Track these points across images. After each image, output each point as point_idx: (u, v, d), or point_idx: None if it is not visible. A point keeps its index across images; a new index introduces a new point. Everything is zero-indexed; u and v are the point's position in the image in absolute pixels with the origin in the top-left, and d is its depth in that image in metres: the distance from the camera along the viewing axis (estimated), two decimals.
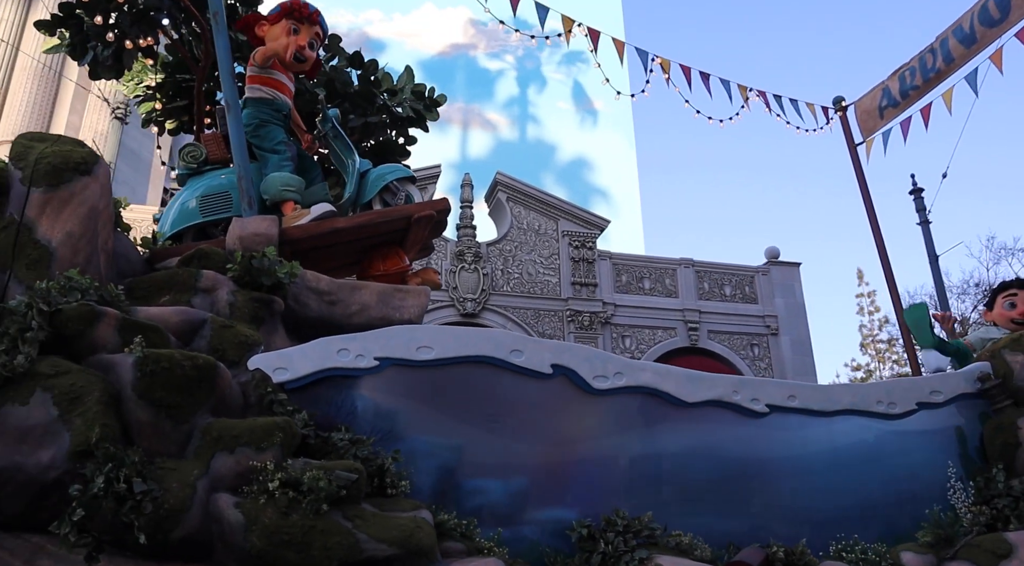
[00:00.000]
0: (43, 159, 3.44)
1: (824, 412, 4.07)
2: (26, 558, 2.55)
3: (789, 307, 17.94)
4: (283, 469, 2.78)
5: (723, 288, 17.77)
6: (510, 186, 16.13)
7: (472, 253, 14.91)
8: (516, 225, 15.87)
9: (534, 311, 15.20)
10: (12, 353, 2.74)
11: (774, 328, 17.64)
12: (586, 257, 16.10)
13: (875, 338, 32.38)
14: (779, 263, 18.25)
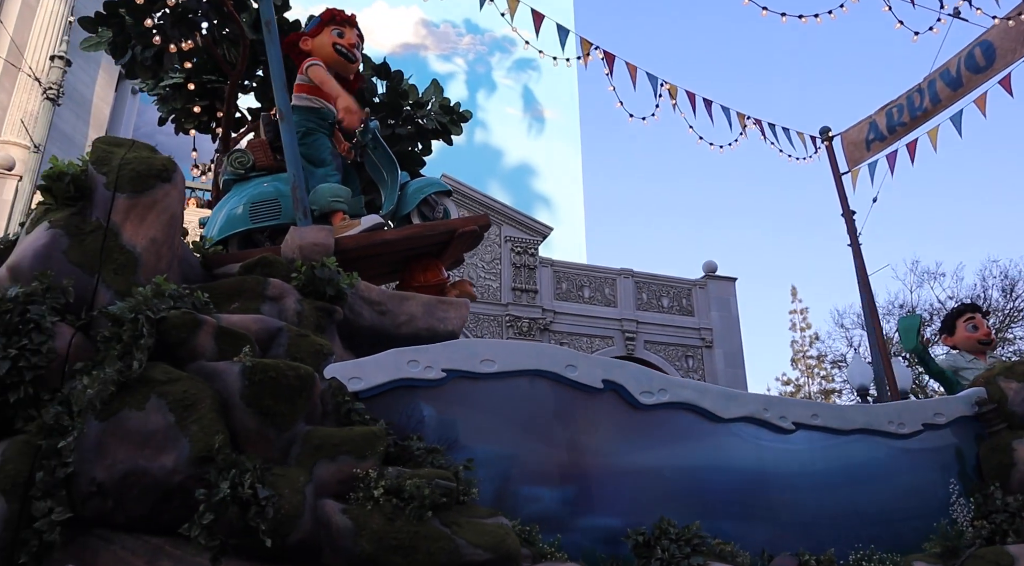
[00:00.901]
0: (127, 165, 3.50)
1: (842, 431, 4.40)
2: (147, 559, 2.65)
3: (724, 320, 18.53)
4: (385, 477, 2.93)
5: (661, 300, 18.26)
6: (455, 189, 16.40)
7: None
8: None
9: (474, 315, 15.14)
10: (126, 359, 2.82)
11: (709, 341, 18.20)
12: (528, 263, 16.27)
13: (805, 354, 33.76)
14: (716, 277, 18.81)
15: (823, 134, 8.14)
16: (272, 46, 4.61)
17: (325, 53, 4.89)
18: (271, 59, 4.60)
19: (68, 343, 2.97)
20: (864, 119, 7.69)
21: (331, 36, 4.95)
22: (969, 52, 6.69)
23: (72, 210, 3.39)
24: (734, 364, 17.98)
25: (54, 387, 2.88)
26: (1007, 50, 6.41)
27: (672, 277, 18.47)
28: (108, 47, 5.34)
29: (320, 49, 4.92)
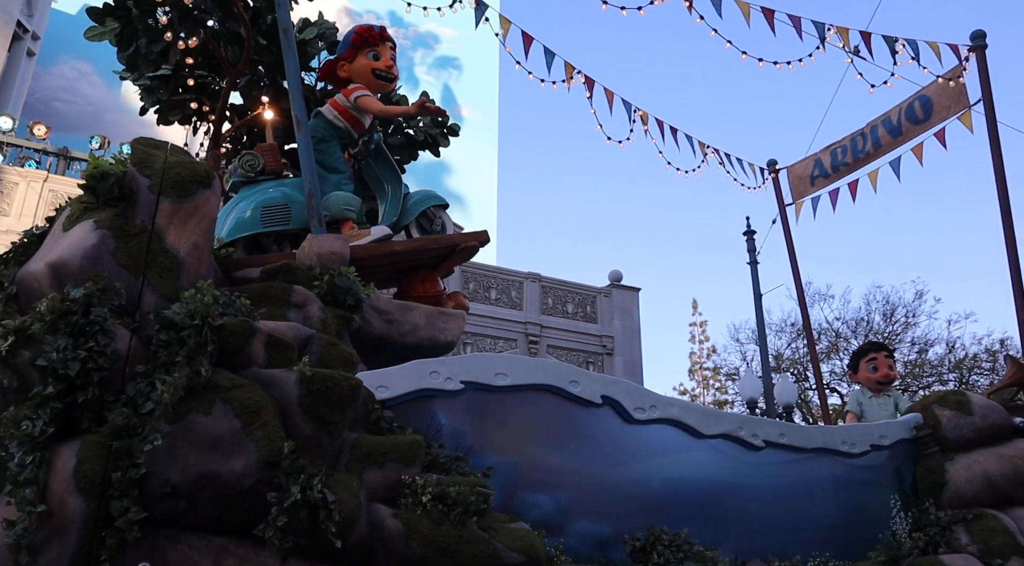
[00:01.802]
0: (171, 169, 3.57)
1: (804, 448, 4.86)
2: (213, 558, 2.79)
3: (626, 329, 19.14)
4: (431, 484, 3.15)
5: (566, 305, 18.74)
6: None
7: None
8: None
9: None
10: (193, 364, 2.94)
11: (610, 348, 18.79)
12: None
13: (702, 366, 35.33)
14: (621, 286, 19.39)
15: (770, 166, 8.73)
16: (289, 54, 4.71)
17: (366, 80, 5.03)
18: (288, 67, 4.70)
19: (127, 345, 3.05)
20: (810, 156, 8.31)
21: (367, 60, 5.07)
22: (909, 104, 7.37)
23: (116, 211, 3.44)
24: (633, 373, 18.50)
25: (116, 389, 2.96)
26: (943, 106, 7.10)
27: (578, 284, 18.88)
28: (113, 38, 5.28)
29: (360, 76, 5.05)
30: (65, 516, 2.62)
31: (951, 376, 29.56)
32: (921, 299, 30.01)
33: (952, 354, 29.52)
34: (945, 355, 29.58)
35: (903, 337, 29.87)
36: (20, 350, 2.87)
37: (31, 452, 2.66)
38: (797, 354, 30.67)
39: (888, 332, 29.74)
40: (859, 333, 29.46)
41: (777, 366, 28.51)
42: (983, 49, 6.93)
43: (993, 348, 29.73)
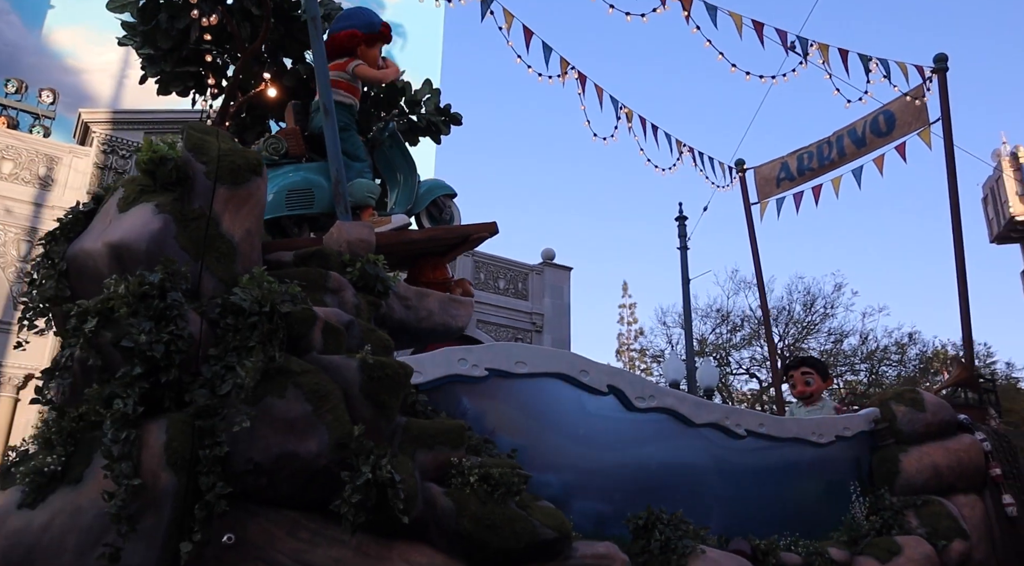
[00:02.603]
0: (226, 157, 3.71)
1: (779, 438, 5.32)
2: (287, 530, 3.02)
3: (556, 307, 19.59)
4: (477, 465, 3.44)
5: (498, 281, 19.08)
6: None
7: None
8: None
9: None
10: (267, 350, 3.13)
11: (539, 325, 19.21)
12: None
13: (629, 347, 36.36)
14: (553, 265, 19.80)
15: (738, 166, 9.20)
16: (317, 42, 4.83)
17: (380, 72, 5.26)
18: (315, 55, 4.82)
19: (199, 329, 3.21)
20: (777, 159, 8.80)
21: (377, 52, 5.25)
22: (874, 118, 7.90)
23: (174, 195, 3.57)
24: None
25: (192, 370, 3.14)
26: (905, 122, 7.65)
27: (511, 260, 19.09)
28: (135, 11, 5.26)
29: (369, 61, 5.22)
30: (158, 489, 2.81)
31: (862, 366, 31.19)
32: (840, 291, 31.33)
33: (865, 345, 31.06)
34: (858, 346, 31.10)
35: (821, 327, 31.20)
36: (103, 331, 3.01)
37: (124, 429, 2.82)
38: (720, 339, 31.83)
39: (807, 322, 31.06)
40: (780, 321, 30.67)
41: (701, 350, 29.58)
42: (944, 71, 7.49)
43: (902, 341, 31.43)
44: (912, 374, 31.21)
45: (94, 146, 13.06)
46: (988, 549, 5.36)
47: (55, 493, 2.86)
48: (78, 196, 12.48)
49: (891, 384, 31.30)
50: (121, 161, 13.06)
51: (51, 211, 12.38)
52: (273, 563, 2.94)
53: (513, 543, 3.36)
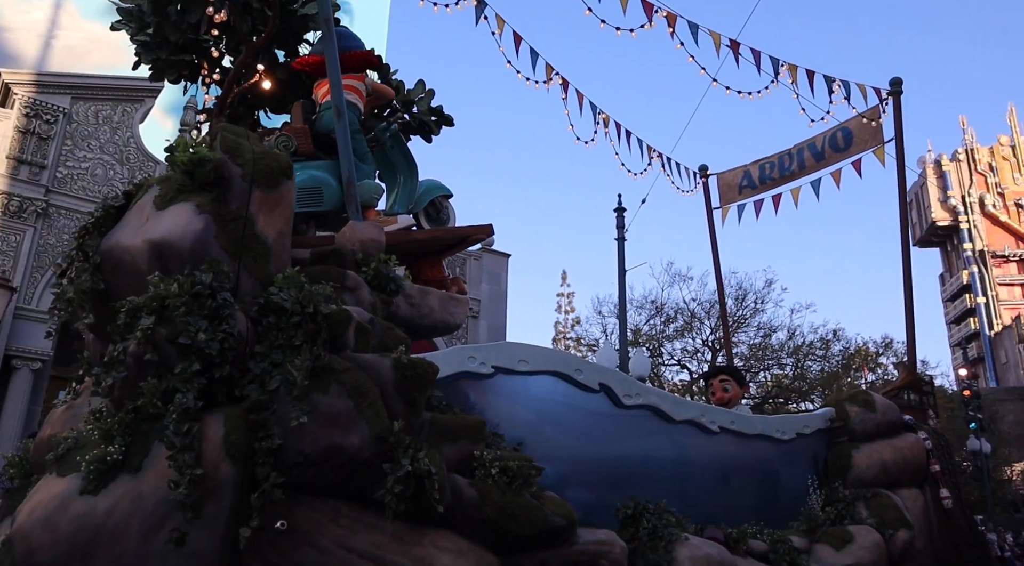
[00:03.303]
0: (261, 160, 3.88)
1: (747, 435, 5.76)
2: (330, 517, 3.26)
3: (493, 294, 19.74)
4: (497, 458, 3.72)
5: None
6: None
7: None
8: None
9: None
10: (313, 349, 3.35)
11: (475, 311, 19.34)
12: None
13: (566, 335, 37.03)
14: (491, 251, 19.94)
15: (702, 171, 9.65)
16: (330, 46, 4.98)
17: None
18: (328, 58, 4.98)
19: (247, 327, 3.40)
20: (740, 167, 9.27)
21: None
22: (833, 134, 8.43)
23: (212, 196, 3.72)
24: (496, 337, 18.99)
25: (241, 366, 3.32)
26: (861, 140, 8.19)
27: None
28: (148, 4, 5.29)
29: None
30: (219, 479, 3.01)
31: (789, 361, 32.40)
32: (770, 287, 32.27)
33: (792, 341, 32.22)
34: (786, 341, 32.26)
35: (751, 321, 32.23)
36: (159, 328, 3.18)
37: (185, 422, 3.01)
38: (654, 330, 32.61)
39: (738, 315, 32.06)
40: (712, 314, 31.62)
41: (635, 340, 30.32)
42: (899, 94, 8.04)
43: (827, 338, 32.75)
44: (835, 369, 32.67)
45: (15, 109, 12.47)
46: (927, 538, 5.92)
47: (116, 480, 3.03)
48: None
49: (815, 378, 32.74)
50: (46, 126, 12.56)
51: None
52: (319, 548, 3.18)
53: (529, 530, 3.66)
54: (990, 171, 36.19)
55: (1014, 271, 33.95)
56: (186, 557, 2.93)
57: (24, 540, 3.00)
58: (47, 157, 12.53)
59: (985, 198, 35.15)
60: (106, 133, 13.36)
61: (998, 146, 36.78)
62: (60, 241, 12.22)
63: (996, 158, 36.45)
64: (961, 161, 36.24)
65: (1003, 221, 34.75)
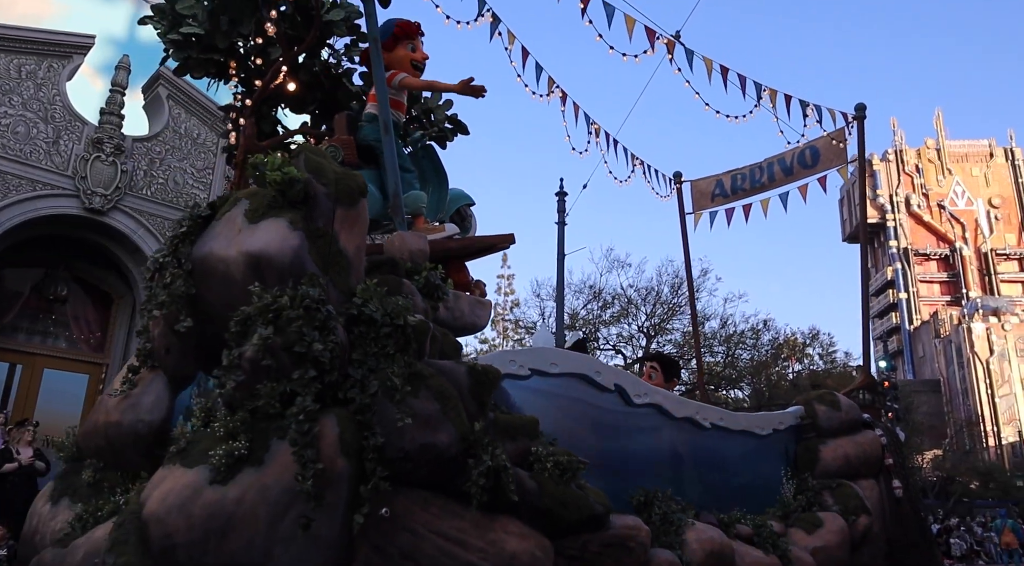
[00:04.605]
0: (341, 180, 4.31)
1: (732, 430, 6.48)
2: (421, 506, 3.77)
3: None
4: (550, 453, 4.29)
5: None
6: (174, 83, 14.50)
7: (113, 144, 13.42)
8: (172, 127, 14.58)
9: (173, 223, 14.13)
10: (406, 357, 3.83)
11: None
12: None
13: (504, 318, 37.76)
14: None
15: (676, 177, 10.35)
16: (378, 66, 5.39)
17: (404, 68, 5.76)
18: (376, 77, 5.39)
19: (345, 337, 3.86)
20: (713, 176, 10.00)
21: (406, 51, 5.81)
22: (801, 151, 9.23)
23: (301, 213, 4.15)
24: None
25: (342, 372, 3.79)
26: (827, 159, 9.00)
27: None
28: (204, 14, 5.55)
29: (398, 63, 5.77)
30: (336, 472, 3.49)
31: (720, 349, 33.85)
32: (705, 276, 33.51)
33: (724, 329, 33.63)
34: (718, 330, 33.67)
35: (686, 309, 33.52)
36: (275, 337, 3.61)
37: (307, 422, 3.47)
38: (591, 314, 33.56)
39: (673, 303, 33.27)
40: (649, 301, 32.75)
41: (572, 324, 31.24)
42: (863, 119, 8.87)
43: (758, 327, 34.30)
44: (764, 358, 34.33)
45: None
46: (882, 523, 6.78)
47: (242, 472, 3.47)
48: None
49: (745, 366, 34.31)
50: None
51: None
52: (413, 532, 3.69)
53: (577, 516, 4.25)
54: (916, 172, 38.33)
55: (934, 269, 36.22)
56: (310, 540, 3.40)
57: (160, 524, 3.42)
58: None
59: (911, 198, 37.31)
60: (29, 89, 13.05)
61: (924, 149, 38.99)
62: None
63: (923, 160, 38.63)
64: (891, 161, 38.33)
65: (926, 221, 37.02)
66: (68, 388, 13.65)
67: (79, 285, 14.05)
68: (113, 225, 13.35)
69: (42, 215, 12.66)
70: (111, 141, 13.41)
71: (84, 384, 13.70)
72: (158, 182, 14.10)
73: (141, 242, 13.58)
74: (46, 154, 12.87)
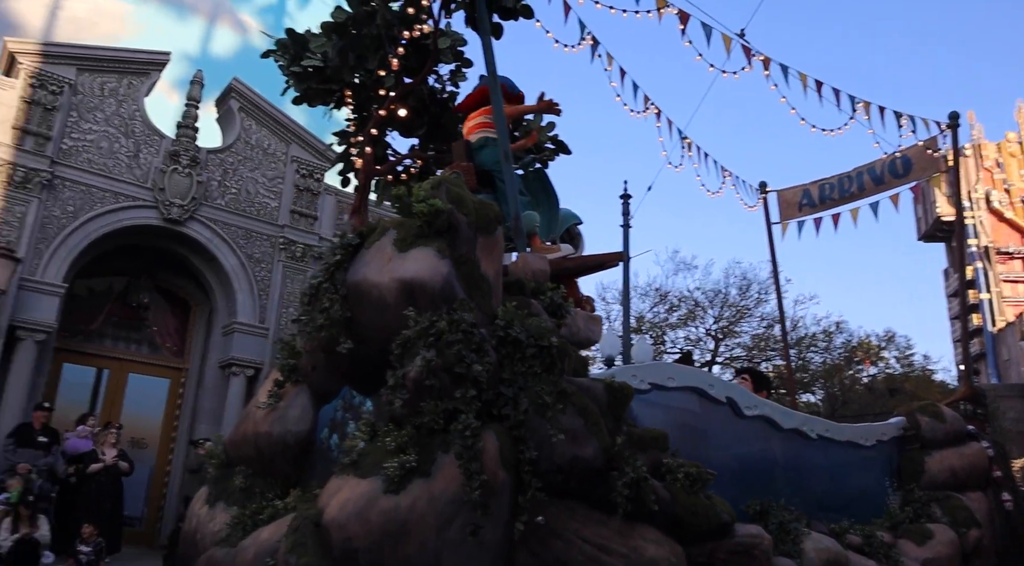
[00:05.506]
0: (480, 210, 4.71)
1: (838, 441, 6.69)
2: (568, 514, 4.14)
3: None
4: (681, 464, 4.60)
5: None
6: (246, 96, 15.34)
7: (189, 156, 14.16)
8: (244, 138, 15.21)
9: (245, 231, 14.93)
10: (553, 376, 4.19)
11: None
12: (311, 188, 15.87)
13: None
14: None
15: (762, 187, 10.55)
16: (496, 96, 5.80)
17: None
18: (495, 110, 5.83)
19: (496, 358, 4.24)
20: (799, 186, 10.19)
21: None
22: (892, 161, 9.35)
23: (446, 241, 4.55)
24: None
25: (494, 390, 4.16)
26: (920, 167, 9.11)
27: None
28: (334, 51, 6.05)
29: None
30: (498, 484, 3.88)
31: (791, 352, 33.45)
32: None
33: (794, 331, 33.25)
34: (788, 332, 33.28)
35: (755, 312, 33.22)
36: (437, 359, 4.01)
37: (471, 438, 3.85)
38: (657, 318, 33.55)
39: (742, 305, 33.07)
40: (715, 303, 32.60)
41: (638, 328, 31.32)
42: (956, 127, 8.96)
43: (830, 330, 33.81)
44: (837, 361, 33.85)
45: (21, 79, 12.82)
46: (991, 536, 6.90)
47: (412, 483, 3.88)
48: (2, 131, 12.49)
49: (816, 370, 33.86)
50: (51, 97, 12.85)
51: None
52: (564, 539, 4.06)
53: (706, 525, 4.56)
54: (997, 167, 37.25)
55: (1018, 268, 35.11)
56: (477, 545, 3.80)
57: (341, 529, 3.85)
58: (52, 128, 12.94)
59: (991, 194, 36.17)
60: (111, 105, 13.81)
61: (1005, 143, 37.83)
62: (65, 213, 12.77)
63: (1003, 154, 37.53)
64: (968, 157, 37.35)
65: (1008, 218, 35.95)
66: (151, 392, 14.53)
67: (159, 293, 14.90)
68: (190, 234, 14.15)
69: (125, 226, 13.49)
70: (187, 153, 14.18)
71: (165, 388, 14.57)
72: (231, 192, 14.83)
73: (216, 251, 14.38)
74: (127, 167, 13.68)
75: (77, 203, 12.94)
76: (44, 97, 12.81)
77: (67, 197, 12.87)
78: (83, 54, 13.69)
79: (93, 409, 13.25)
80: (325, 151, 15.82)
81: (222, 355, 14.42)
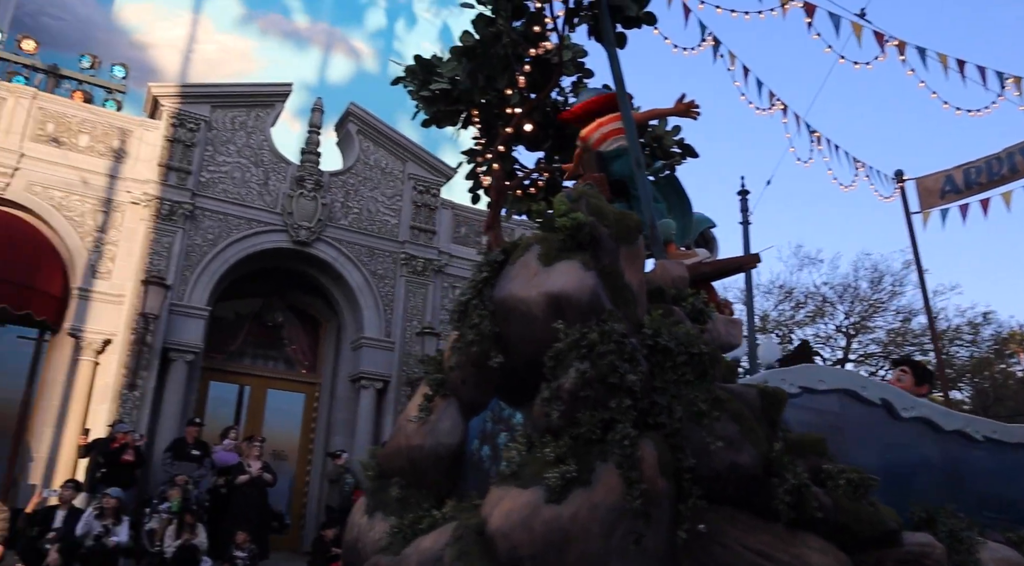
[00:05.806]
0: (621, 221, 4.79)
1: (1008, 443, 6.34)
2: (727, 520, 4.15)
3: None
4: (843, 470, 4.51)
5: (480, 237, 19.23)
6: (362, 119, 16.18)
7: (313, 181, 15.01)
8: (363, 160, 16.05)
9: (368, 249, 15.54)
10: (705, 384, 4.21)
11: None
12: (428, 203, 16.43)
13: None
14: None
15: (898, 176, 10.14)
16: (624, 105, 5.86)
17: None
18: (624, 118, 5.90)
19: (647, 367, 4.30)
20: (940, 172, 9.73)
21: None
22: None
23: (589, 253, 4.65)
24: None
25: (650, 400, 4.22)
26: None
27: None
28: (464, 74, 6.34)
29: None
30: (658, 491, 3.94)
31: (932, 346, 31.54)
32: (909, 268, 31.39)
33: (936, 324, 31.23)
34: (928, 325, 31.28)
35: (889, 305, 31.54)
36: (591, 370, 4.11)
37: (630, 447, 3.93)
38: (783, 316, 32.39)
39: (874, 299, 31.51)
40: (845, 298, 31.19)
41: (763, 326, 30.35)
42: None
43: (976, 321, 31.74)
44: (986, 355, 31.74)
45: (164, 119, 13.93)
46: None
47: (572, 492, 3.99)
48: (149, 168, 13.57)
49: (963, 365, 31.87)
50: (189, 134, 13.92)
51: (123, 183, 13.34)
52: (725, 546, 4.07)
53: (870, 532, 4.46)
54: None
55: None
56: (640, 554, 3.87)
57: (506, 538, 4.00)
58: (192, 163, 14.05)
59: None
60: (242, 137, 14.84)
61: None
62: (205, 241, 13.80)
63: None
64: None
65: None
66: (287, 406, 15.41)
67: (291, 312, 15.82)
68: (317, 255, 14.96)
69: (259, 250, 14.44)
70: (311, 177, 15.08)
71: (301, 402, 15.43)
72: (353, 212, 15.60)
73: (342, 269, 15.14)
74: (258, 195, 14.66)
75: (216, 231, 13.99)
76: (184, 134, 14.04)
77: (207, 226, 13.94)
78: (216, 92, 14.92)
79: (236, 423, 14.21)
80: (440, 166, 16.43)
81: (352, 369, 15.16)
